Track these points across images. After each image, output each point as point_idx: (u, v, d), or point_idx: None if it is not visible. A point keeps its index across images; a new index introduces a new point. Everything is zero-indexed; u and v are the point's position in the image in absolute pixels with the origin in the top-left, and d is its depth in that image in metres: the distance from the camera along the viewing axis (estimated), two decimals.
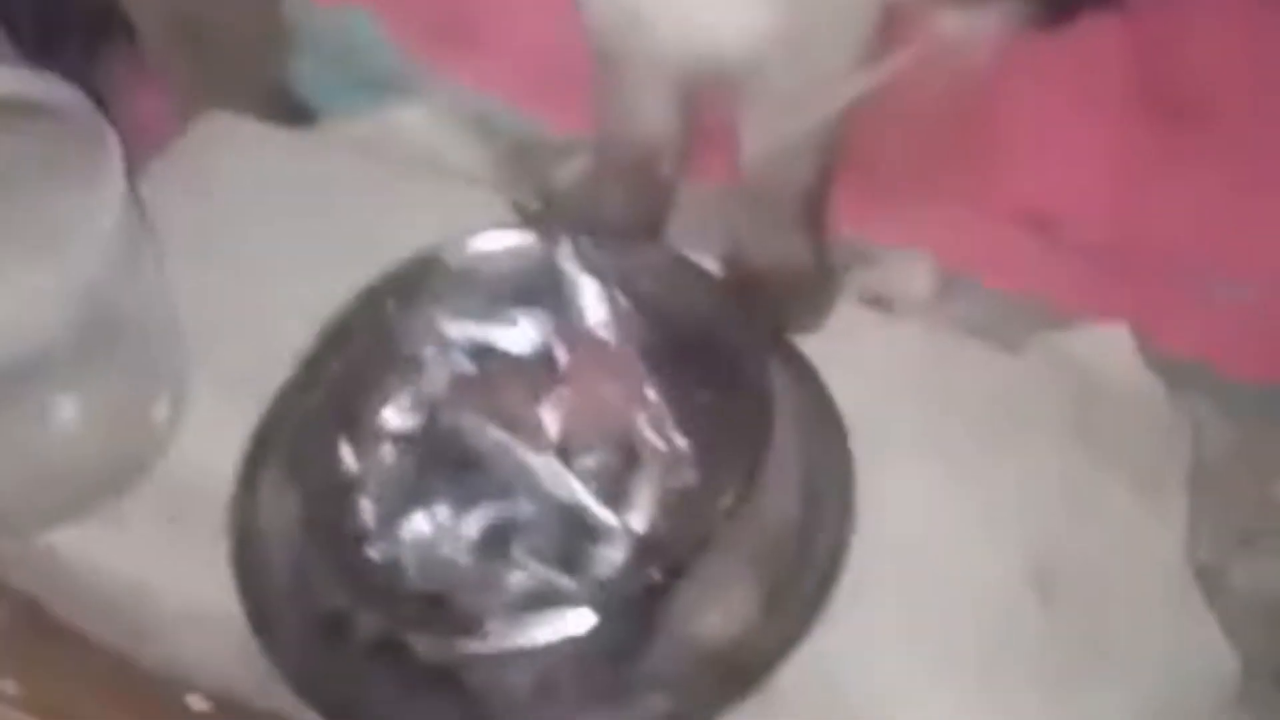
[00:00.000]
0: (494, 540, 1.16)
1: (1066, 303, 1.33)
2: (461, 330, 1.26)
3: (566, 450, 1.20)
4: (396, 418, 1.23)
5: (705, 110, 1.33)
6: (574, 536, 1.16)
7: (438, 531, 1.17)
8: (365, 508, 1.18)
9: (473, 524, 1.17)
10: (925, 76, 1.01)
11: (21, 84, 1.23)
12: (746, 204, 1.31)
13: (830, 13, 1.11)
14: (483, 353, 1.26)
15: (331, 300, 1.26)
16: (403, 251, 1.28)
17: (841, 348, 1.29)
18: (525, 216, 1.38)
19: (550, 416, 1.22)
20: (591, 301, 1.26)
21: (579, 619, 1.07)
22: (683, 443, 1.21)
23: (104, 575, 1.21)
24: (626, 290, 1.26)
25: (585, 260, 1.26)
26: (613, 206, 1.35)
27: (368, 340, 1.24)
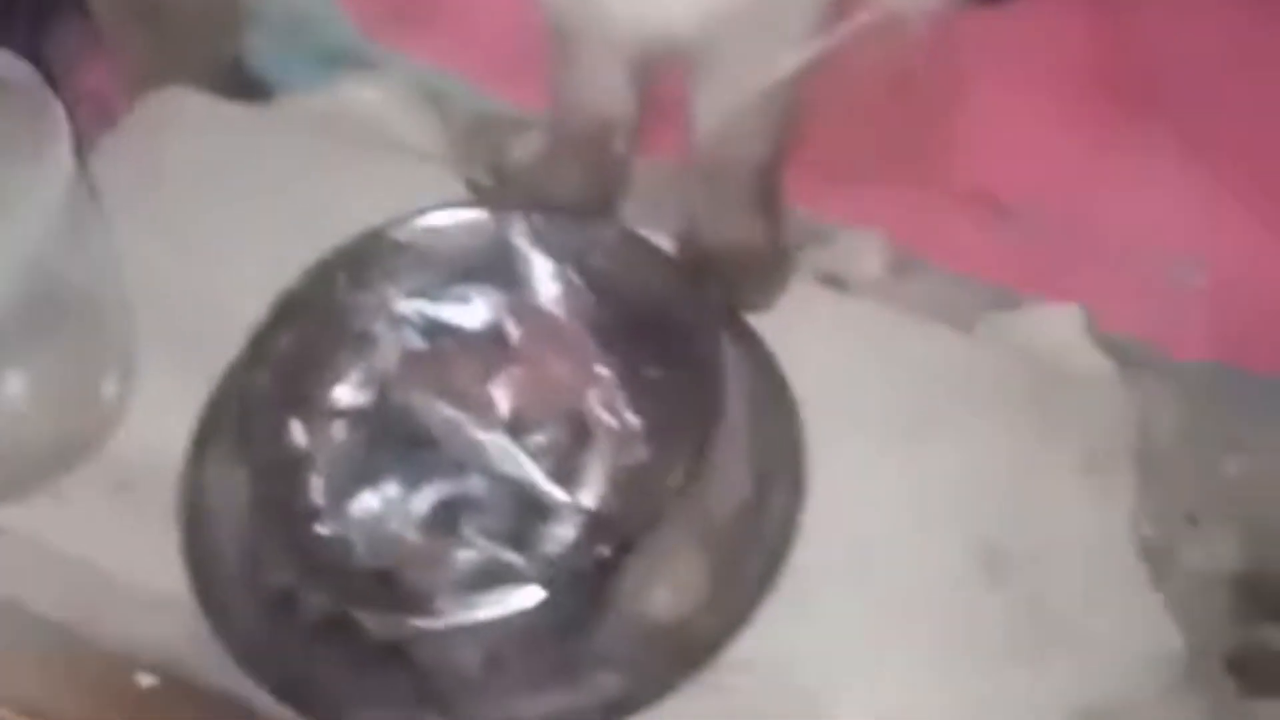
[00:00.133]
0: (444, 517, 1.16)
1: (1018, 283, 1.33)
2: (413, 307, 1.26)
3: (517, 427, 1.20)
4: (347, 394, 1.23)
5: (659, 87, 1.32)
6: (524, 513, 1.16)
7: (387, 508, 1.17)
8: (315, 485, 1.18)
9: (423, 501, 1.17)
10: (870, 50, 1.02)
11: None
12: (700, 181, 1.31)
13: None
14: (434, 329, 1.26)
15: (283, 276, 1.25)
16: (356, 227, 1.27)
17: (794, 326, 1.30)
18: (478, 193, 1.38)
19: (501, 393, 1.22)
20: (544, 278, 1.26)
21: (528, 595, 1.07)
22: (634, 420, 1.21)
23: (52, 552, 1.20)
24: (579, 267, 1.26)
25: (538, 237, 1.26)
26: (567, 183, 1.35)
27: (319, 316, 1.24)
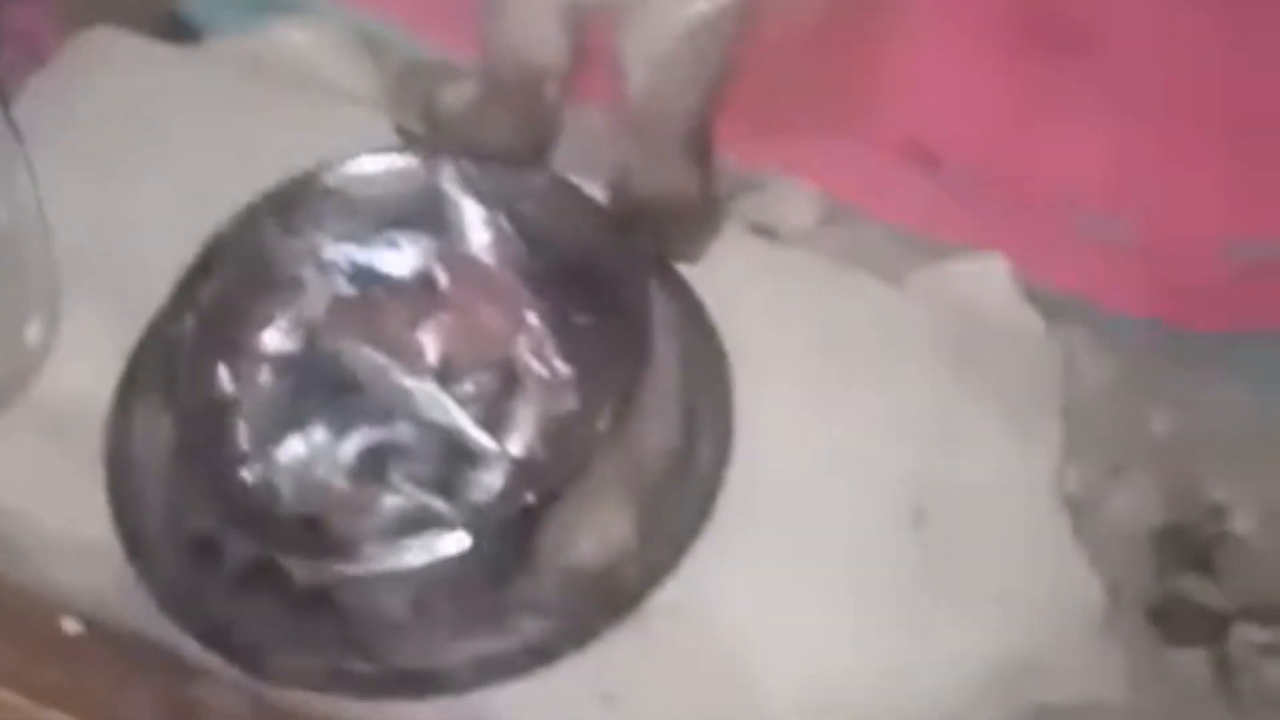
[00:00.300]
0: (371, 464, 1.16)
1: (947, 235, 1.34)
2: (342, 252, 1.25)
3: (446, 374, 1.20)
4: (275, 340, 1.22)
5: (592, 35, 1.32)
6: (452, 461, 1.16)
7: (314, 454, 1.16)
8: (241, 430, 1.17)
9: (350, 447, 1.17)
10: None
11: None
12: (632, 130, 1.30)
13: None
14: (363, 275, 1.25)
15: (211, 220, 1.24)
16: (285, 172, 1.26)
17: (725, 275, 1.30)
18: (409, 139, 1.36)
19: (430, 340, 1.21)
20: (474, 225, 1.26)
21: (454, 542, 1.07)
22: (563, 368, 1.21)
23: None
24: (509, 214, 1.25)
25: (468, 184, 1.26)
26: (498, 130, 1.34)
27: (247, 262, 1.23)
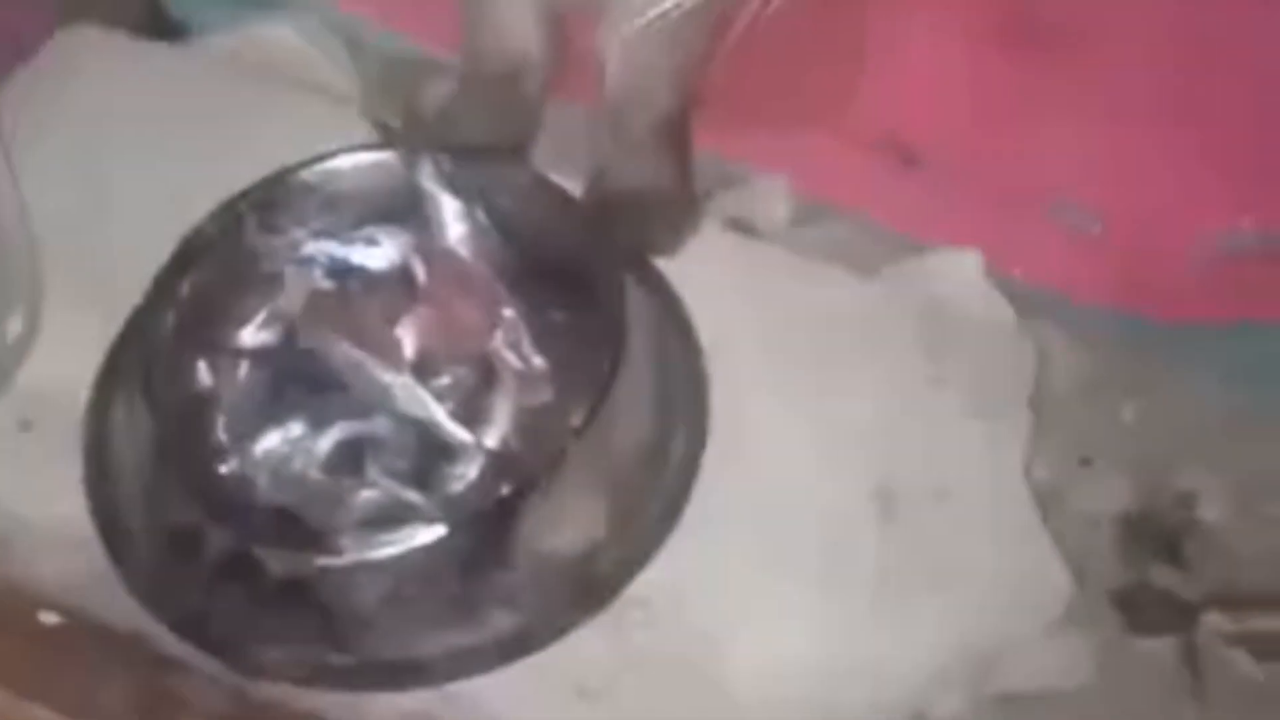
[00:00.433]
0: (348, 457, 1.17)
1: (922, 230, 1.35)
2: (321, 248, 1.26)
3: (423, 368, 1.21)
4: (253, 335, 1.23)
5: (571, 32, 1.33)
6: (428, 454, 1.17)
7: (291, 448, 1.17)
8: (219, 424, 1.19)
9: (327, 441, 1.18)
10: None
11: None
12: (609, 125, 1.32)
13: None
14: (342, 270, 1.26)
15: (192, 216, 1.25)
16: (266, 168, 1.27)
17: (701, 270, 1.31)
18: (388, 135, 1.38)
19: (407, 335, 1.23)
20: (451, 220, 1.27)
21: (429, 534, 1.08)
22: (538, 361, 1.22)
23: None
24: (487, 209, 1.27)
25: (446, 179, 1.27)
26: (478, 125, 1.35)
27: (226, 257, 1.24)
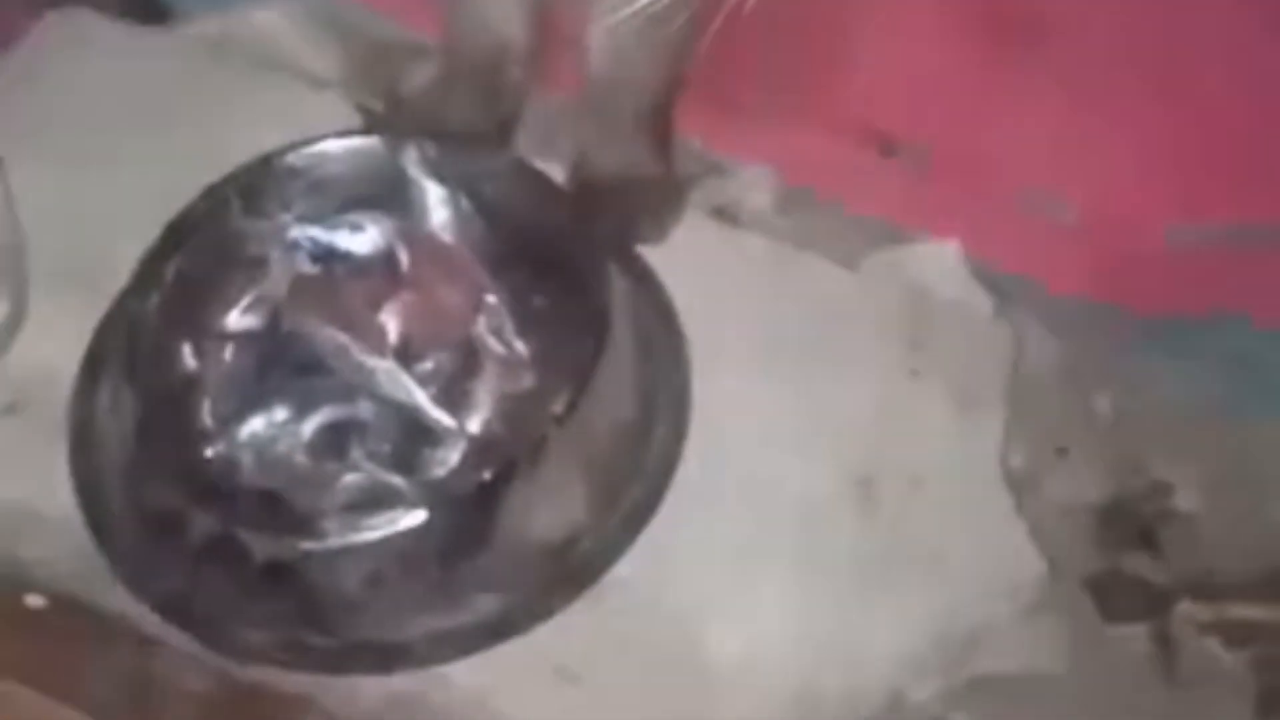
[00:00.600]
0: (332, 441, 1.18)
1: (901, 219, 1.36)
2: (306, 232, 1.27)
3: (406, 353, 1.22)
4: (238, 319, 1.24)
5: (557, 20, 1.33)
6: (411, 438, 1.18)
7: (276, 431, 1.18)
8: (204, 407, 1.19)
9: (311, 425, 1.19)
10: None
11: None
12: (593, 112, 1.32)
13: None
14: (327, 255, 1.27)
15: (178, 200, 1.25)
16: (252, 152, 1.28)
17: (685, 258, 1.32)
18: (372, 120, 1.38)
19: (391, 320, 1.23)
20: (435, 205, 1.28)
21: (412, 518, 1.09)
22: (521, 347, 1.23)
23: None
24: (471, 195, 1.27)
25: (430, 165, 1.27)
26: (461, 111, 1.36)
27: (211, 241, 1.24)
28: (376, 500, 1.13)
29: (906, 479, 1.22)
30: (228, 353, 1.22)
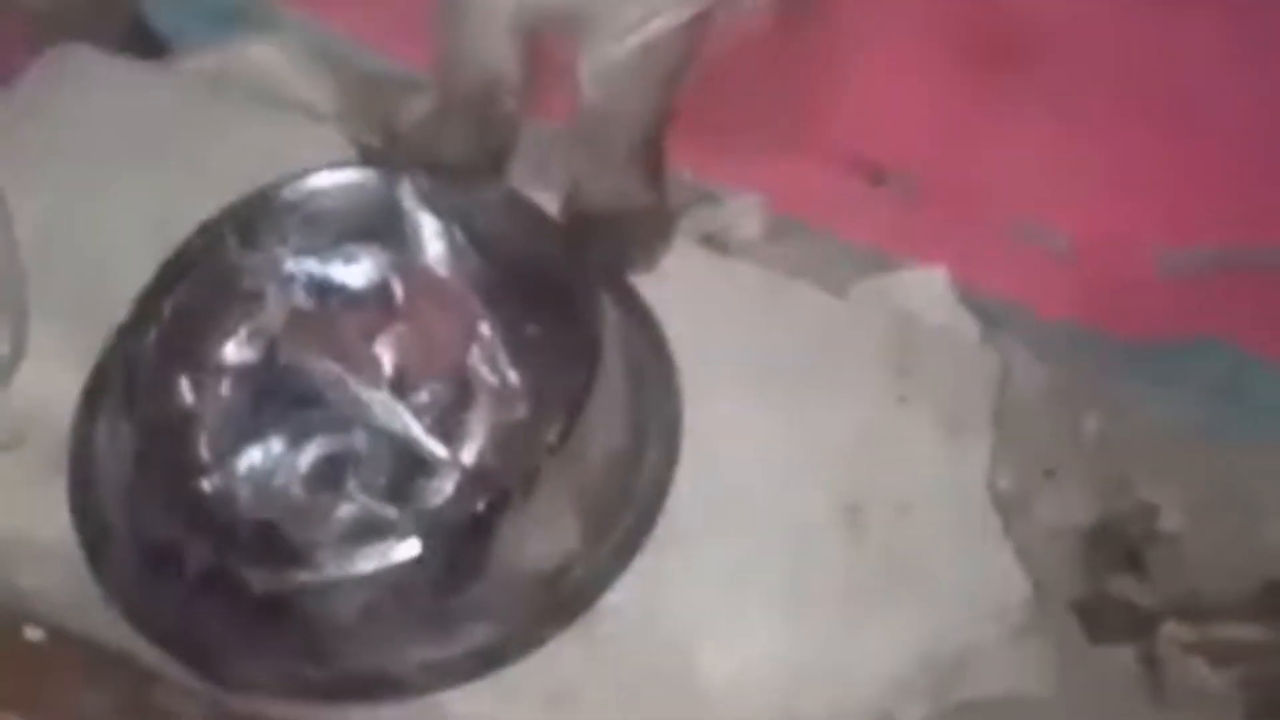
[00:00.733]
0: (327, 472, 1.20)
1: (890, 246, 1.38)
2: (301, 266, 1.28)
3: (401, 384, 1.23)
4: (235, 352, 1.26)
5: (548, 50, 1.35)
6: (406, 469, 1.20)
7: (272, 463, 1.20)
8: (201, 441, 1.21)
9: (307, 457, 1.20)
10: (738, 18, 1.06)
11: None
12: (584, 143, 1.34)
13: None
14: (322, 288, 1.28)
15: (175, 233, 1.27)
16: (248, 186, 1.29)
17: (676, 286, 1.34)
18: (367, 153, 1.40)
19: (386, 351, 1.25)
20: (429, 238, 1.29)
21: (406, 549, 1.11)
22: (514, 377, 1.24)
23: None
24: (464, 227, 1.29)
25: (424, 197, 1.29)
26: (455, 143, 1.37)
27: (208, 275, 1.26)
28: (371, 531, 1.14)
29: (895, 504, 1.23)
30: (225, 386, 1.24)
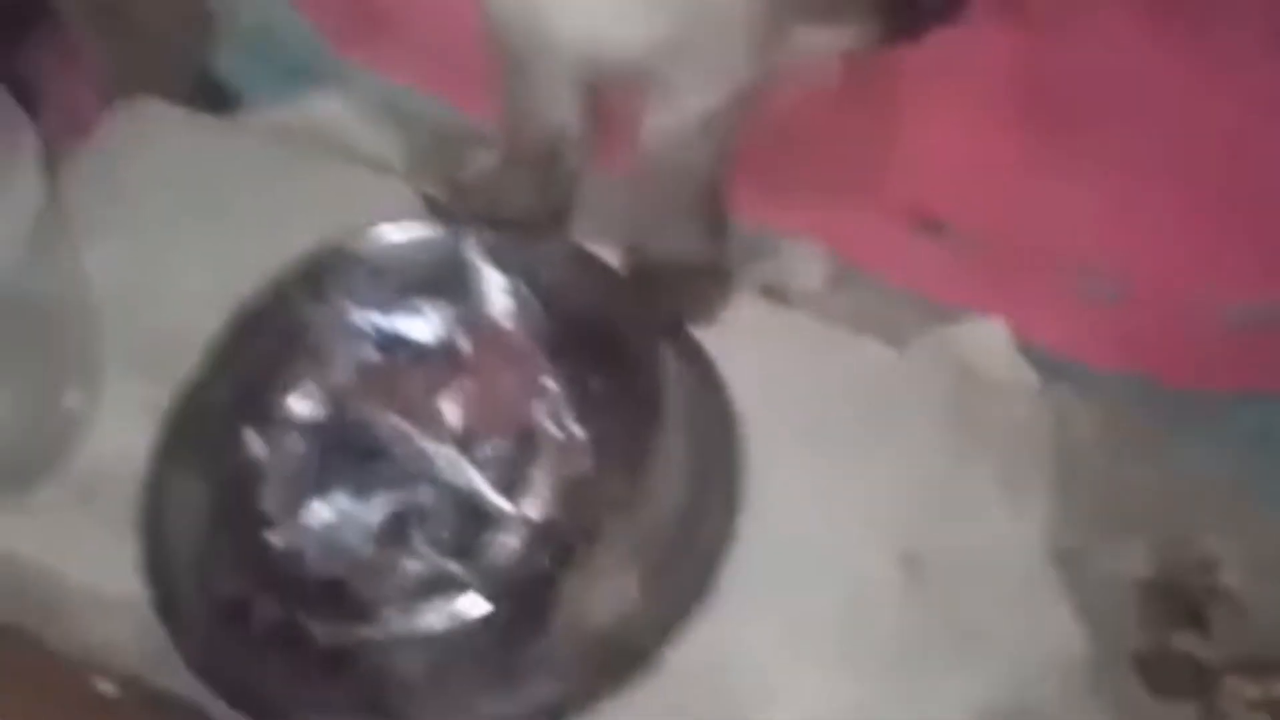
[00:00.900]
0: (394, 527, 1.21)
1: (950, 297, 1.38)
2: (368, 319, 1.30)
3: (466, 439, 1.24)
4: (303, 406, 1.27)
5: (609, 103, 1.36)
6: (471, 524, 1.21)
7: (339, 518, 1.21)
8: (269, 495, 1.22)
9: (374, 511, 1.21)
10: (791, 83, 1.07)
11: None
12: (645, 195, 1.35)
13: (712, 26, 1.16)
14: (389, 342, 1.30)
15: (244, 287, 1.30)
16: (316, 239, 1.32)
17: (737, 337, 1.34)
18: (433, 207, 1.42)
19: (451, 406, 1.26)
20: (495, 292, 1.31)
21: (471, 605, 1.12)
22: (579, 431, 1.25)
23: (13, 559, 1.25)
24: (529, 281, 1.30)
25: (490, 251, 1.31)
26: (519, 197, 1.39)
27: (276, 329, 1.29)
28: (437, 588, 1.16)
29: (954, 558, 1.23)
30: (292, 440, 1.26)
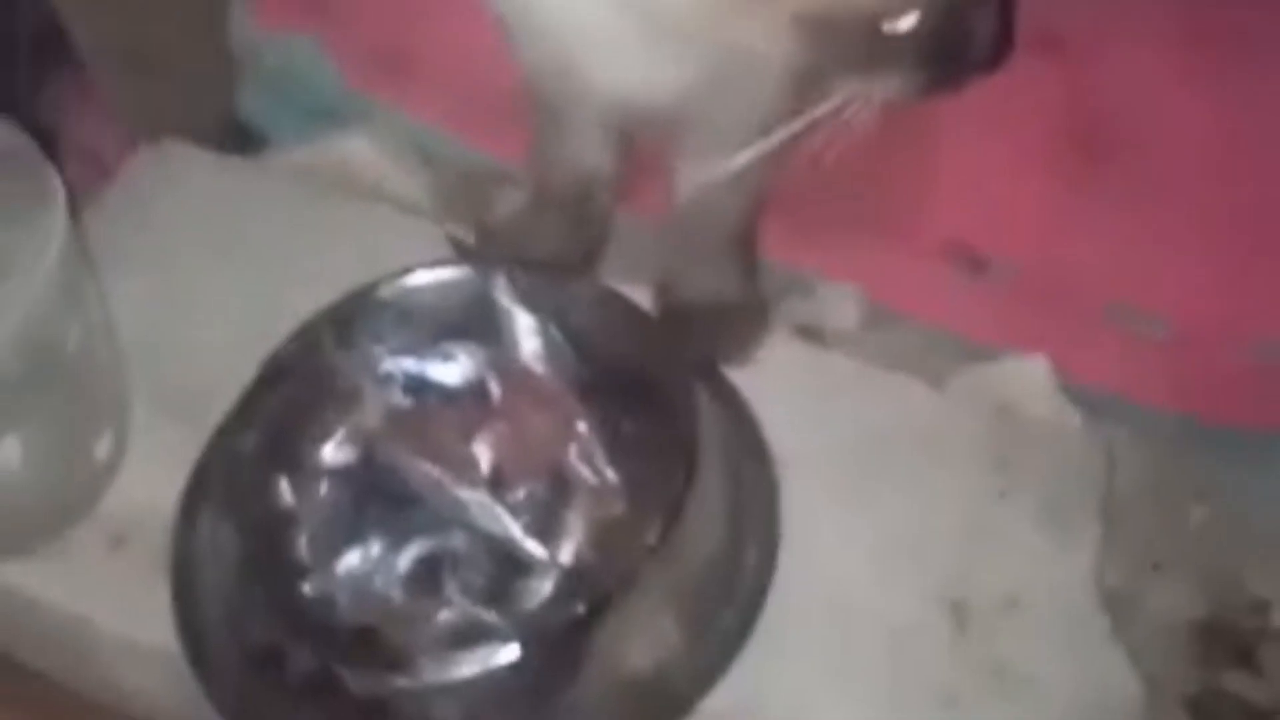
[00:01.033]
0: (426, 574, 1.20)
1: (989, 336, 1.36)
2: (398, 364, 1.29)
3: (498, 484, 1.23)
4: (333, 453, 1.26)
5: (639, 145, 1.35)
6: (504, 569, 1.19)
7: (371, 566, 1.20)
8: (301, 543, 1.21)
9: (405, 558, 1.20)
10: (827, 134, 1.06)
11: None
12: (678, 236, 1.34)
13: (746, 77, 1.14)
14: (419, 386, 1.29)
15: (273, 330, 1.28)
16: (343, 280, 1.30)
17: (772, 378, 1.33)
18: (461, 250, 1.40)
19: (483, 450, 1.25)
20: (525, 335, 1.29)
21: (505, 654, 1.10)
22: (612, 475, 1.24)
23: (44, 607, 1.24)
24: (560, 324, 1.29)
25: (520, 294, 1.29)
26: (549, 238, 1.38)
27: (306, 377, 1.27)
28: (470, 636, 1.14)
29: (999, 600, 1.21)
30: (323, 487, 1.24)
